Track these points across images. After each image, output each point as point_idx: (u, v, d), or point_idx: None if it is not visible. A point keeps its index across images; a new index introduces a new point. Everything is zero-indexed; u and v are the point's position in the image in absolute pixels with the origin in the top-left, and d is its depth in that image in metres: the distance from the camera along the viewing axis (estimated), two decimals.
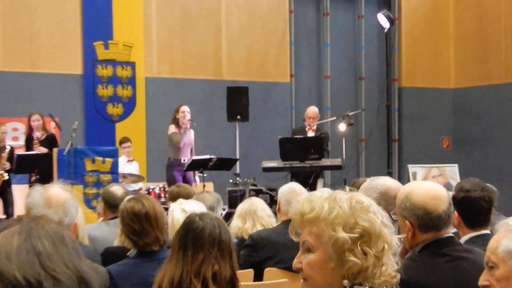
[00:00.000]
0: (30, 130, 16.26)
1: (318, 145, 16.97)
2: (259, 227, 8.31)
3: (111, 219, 8.00)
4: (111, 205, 8.14)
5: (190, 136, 16.93)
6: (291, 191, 8.02)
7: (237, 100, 18.69)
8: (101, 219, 8.62)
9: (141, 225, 6.09)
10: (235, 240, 8.10)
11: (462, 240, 5.60)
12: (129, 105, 19.43)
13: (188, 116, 16.79)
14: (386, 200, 5.66)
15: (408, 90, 22.86)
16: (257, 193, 16.52)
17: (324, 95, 21.86)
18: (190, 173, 16.78)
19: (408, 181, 18.06)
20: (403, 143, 22.74)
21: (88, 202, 14.95)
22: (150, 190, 16.10)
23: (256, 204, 8.70)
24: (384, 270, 3.26)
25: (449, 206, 4.86)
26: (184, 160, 16.70)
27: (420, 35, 22.91)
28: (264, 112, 20.30)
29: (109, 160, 15.94)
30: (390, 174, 18.08)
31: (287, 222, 7.53)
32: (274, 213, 8.57)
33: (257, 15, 20.76)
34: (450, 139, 23.03)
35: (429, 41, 22.95)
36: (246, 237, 8.04)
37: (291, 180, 14.20)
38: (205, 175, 16.88)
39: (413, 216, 4.82)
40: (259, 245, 7.73)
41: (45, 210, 5.10)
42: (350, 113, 19.28)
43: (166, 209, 7.87)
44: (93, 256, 6.28)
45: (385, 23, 21.27)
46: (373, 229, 3.25)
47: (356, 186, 8.01)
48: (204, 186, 16.13)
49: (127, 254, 6.18)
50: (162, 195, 15.44)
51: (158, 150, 18.60)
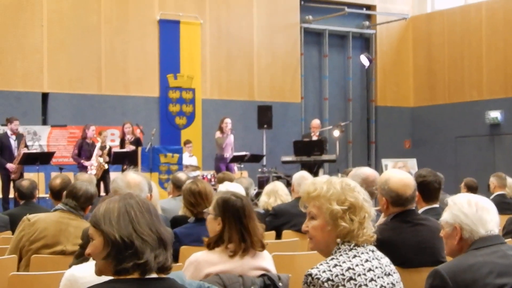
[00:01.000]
0: (123, 134, 16.29)
1: (320, 146, 16.94)
2: (279, 202, 8.25)
3: (177, 196, 7.97)
4: (177, 186, 8.12)
5: (231, 139, 16.93)
6: (301, 177, 7.99)
7: (264, 114, 18.64)
8: (170, 196, 8.59)
9: (195, 199, 6.12)
10: (262, 211, 8.06)
11: (420, 211, 5.57)
12: (191, 118, 19.41)
13: (229, 126, 16.80)
14: (366, 183, 5.78)
15: (381, 108, 22.77)
16: (278, 178, 16.49)
17: (324, 111, 21.79)
18: (232, 164, 16.76)
19: (382, 171, 18.09)
20: (378, 144, 22.65)
21: (162, 184, 14.93)
22: (204, 176, 16.06)
23: (278, 186, 8.65)
24: (365, 232, 3.30)
25: (414, 191, 4.93)
26: (226, 156, 16.70)
27: (389, 70, 22.84)
28: (283, 123, 20.24)
29: (176, 155, 15.96)
30: (369, 166, 17.97)
31: (299, 199, 7.53)
32: (290, 192, 8.52)
33: (278, 56, 20.71)
34: (410, 141, 22.92)
35: (395, 74, 22.88)
36: (270, 209, 7.98)
37: (301, 169, 14.13)
38: (242, 166, 16.87)
39: (388, 196, 4.90)
40: (279, 214, 7.69)
41: (127, 190, 5.07)
42: (342, 123, 19.26)
43: (215, 189, 7.83)
44: (165, 222, 6.24)
45: (366, 62, 21.22)
46: (357, 203, 3.30)
47: (346, 174, 7.98)
48: (241, 173, 16.09)
49: (188, 221, 6.16)
50: (212, 180, 15.39)
51: (210, 149, 18.55)
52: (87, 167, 15.26)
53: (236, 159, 16.61)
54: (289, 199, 8.28)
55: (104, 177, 15.47)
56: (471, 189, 10.52)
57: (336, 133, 18.45)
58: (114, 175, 15.83)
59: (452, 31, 21.88)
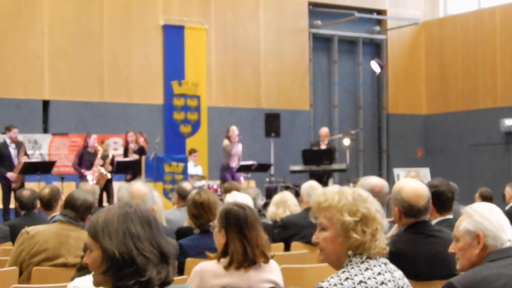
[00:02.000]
0: (126, 143, 16.27)
1: (329, 155, 16.95)
2: (288, 213, 8.24)
3: (182, 207, 7.96)
4: (182, 196, 8.12)
5: (238, 148, 16.93)
6: (311, 187, 7.98)
7: (272, 122, 18.61)
8: (175, 207, 8.58)
9: (198, 210, 6.08)
10: (270, 222, 8.04)
11: (433, 222, 5.54)
12: (196, 126, 19.41)
13: (236, 133, 16.80)
14: (373, 194, 5.56)
15: (393, 116, 22.73)
16: (286, 188, 16.44)
17: (333, 119, 21.76)
18: (238, 174, 16.75)
19: (394, 181, 18.10)
20: (390, 153, 22.60)
21: (166, 194, 14.94)
22: (210, 186, 16.06)
23: (287, 196, 8.63)
24: (378, 244, 3.27)
25: (428, 201, 4.91)
26: (233, 165, 16.68)
27: (401, 77, 22.81)
28: (291, 131, 20.22)
29: (181, 165, 15.96)
30: (380, 175, 17.97)
31: (308, 209, 7.49)
32: (299, 203, 8.50)
33: (286, 62, 20.71)
34: (423, 150, 22.87)
35: (407, 81, 22.85)
36: (278, 220, 7.96)
37: (310, 179, 14.11)
38: (249, 175, 16.87)
39: (400, 206, 4.88)
40: (287, 226, 7.67)
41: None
42: (352, 132, 19.23)
43: (222, 199, 7.82)
44: (170, 234, 6.27)
45: (377, 68, 21.22)
46: (370, 214, 3.28)
47: (355, 183, 7.97)
48: (248, 183, 16.10)
49: (193, 232, 6.16)
50: (218, 189, 15.38)
51: (216, 158, 18.55)
52: (87, 177, 15.24)
53: (243, 169, 16.60)
54: (298, 210, 8.26)
55: (107, 187, 15.45)
56: (486, 199, 10.50)
57: (347, 142, 18.45)
58: (118, 185, 15.90)
59: (465, 36, 21.85)
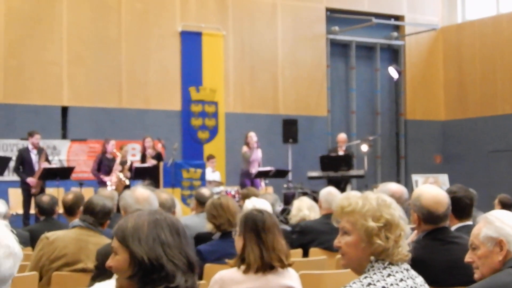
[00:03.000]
0: (144, 149, 16.32)
1: (347, 161, 16.93)
2: (306, 218, 8.23)
3: (200, 213, 7.97)
4: (201, 202, 8.13)
5: (258, 154, 16.94)
6: (329, 193, 7.96)
7: (290, 128, 18.60)
8: (193, 213, 8.58)
9: (217, 211, 6.17)
10: (289, 228, 8.03)
11: (452, 229, 5.51)
12: (213, 132, 19.41)
13: (255, 138, 16.81)
14: None
15: (411, 122, 22.67)
16: (304, 194, 16.41)
17: (351, 125, 21.73)
18: (257, 180, 16.74)
19: (412, 187, 18.05)
20: (408, 159, 22.53)
21: (184, 200, 14.97)
22: (228, 192, 16.05)
23: (305, 202, 8.63)
24: (401, 251, 3.26)
25: (448, 208, 4.91)
26: (252, 171, 16.68)
27: (419, 82, 22.75)
28: (309, 137, 20.19)
29: (199, 171, 16.01)
30: (398, 182, 17.92)
31: (326, 215, 7.56)
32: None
33: (303, 68, 20.71)
34: (441, 156, 22.80)
35: (425, 87, 22.77)
36: (298, 225, 7.95)
37: (328, 185, 14.08)
38: (267, 182, 16.87)
39: (420, 212, 4.89)
40: (305, 232, 7.67)
41: (137, 206, 5.09)
42: (370, 138, 19.22)
43: (240, 206, 7.82)
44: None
45: (394, 74, 21.20)
46: (394, 220, 3.26)
47: (373, 189, 7.94)
48: (266, 189, 16.09)
49: (212, 237, 6.17)
50: (236, 196, 15.39)
51: (233, 164, 18.57)
52: (106, 183, 15.29)
53: (261, 175, 16.60)
54: (317, 216, 8.23)
55: None
56: (505, 206, 10.43)
57: (364, 148, 18.42)
58: None
59: (484, 42, 21.78)
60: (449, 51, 22.78)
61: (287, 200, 16.53)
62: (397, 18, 22.59)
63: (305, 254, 7.46)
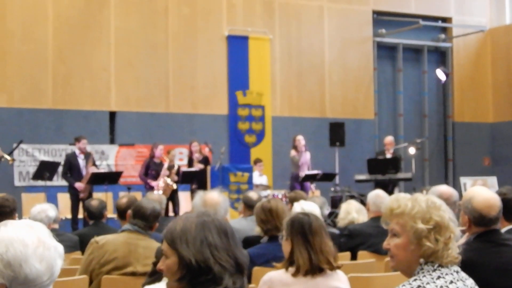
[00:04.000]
0: (191, 153, 16.37)
1: (395, 164, 16.85)
2: (355, 221, 8.21)
3: (248, 216, 7.98)
4: (249, 206, 8.12)
5: (306, 157, 16.92)
6: (377, 196, 7.90)
7: (337, 132, 18.57)
8: (241, 216, 8.60)
9: (265, 215, 6.14)
10: (337, 232, 8.01)
11: (502, 231, 5.45)
12: (260, 136, 19.45)
13: (302, 142, 16.82)
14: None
15: (459, 124, 22.49)
16: (351, 198, 16.38)
17: (399, 128, 21.61)
18: (307, 183, 16.71)
19: (460, 189, 17.89)
20: (456, 162, 22.35)
21: (231, 204, 14.99)
22: (275, 195, 16.04)
23: (353, 205, 8.61)
24: (450, 253, 3.24)
25: (499, 211, 4.85)
26: (302, 175, 16.67)
27: (467, 85, 22.56)
28: (356, 140, 20.14)
29: (246, 174, 16.04)
30: (447, 184, 17.74)
31: (374, 218, 7.54)
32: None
33: (350, 71, 20.66)
34: (490, 158, 22.58)
35: (473, 89, 22.59)
36: (346, 229, 7.93)
37: (375, 188, 14.02)
38: (314, 185, 16.84)
39: (471, 215, 4.82)
40: (354, 235, 7.63)
41: (202, 209, 5.09)
42: (418, 140, 19.11)
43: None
44: None
45: (442, 76, 21.01)
46: (443, 223, 3.25)
47: (422, 192, 7.86)
48: (313, 193, 16.07)
49: (261, 241, 6.17)
50: (283, 199, 15.38)
51: (280, 168, 18.59)
52: (154, 187, 15.35)
53: (308, 178, 16.58)
54: (365, 219, 8.20)
55: (173, 197, 15.54)
56: None
57: (412, 151, 18.33)
58: (183, 195, 16.04)
59: None
60: (498, 53, 22.56)
61: (334, 204, 16.52)
62: (445, 20, 22.43)
63: (354, 257, 7.43)
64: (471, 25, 22.41)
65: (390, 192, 15.63)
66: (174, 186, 15.51)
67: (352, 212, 8.49)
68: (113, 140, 17.87)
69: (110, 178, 15.02)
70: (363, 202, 10.44)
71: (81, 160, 14.96)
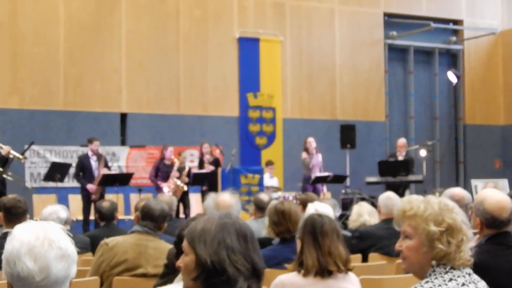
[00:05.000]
0: (201, 155, 16.38)
1: (406, 166, 16.83)
2: (367, 223, 8.19)
3: (259, 218, 7.98)
4: (260, 208, 8.15)
5: (318, 159, 16.93)
6: (388, 198, 7.87)
7: (347, 134, 18.54)
8: (252, 218, 8.61)
9: (278, 218, 6.08)
10: (349, 234, 7.99)
11: None
12: (271, 138, 19.44)
13: (314, 144, 16.83)
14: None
15: (470, 126, 22.43)
16: (362, 200, 16.34)
17: (410, 130, 21.56)
18: (319, 185, 16.71)
19: (471, 192, 17.84)
20: (467, 164, 22.29)
21: (242, 206, 14.93)
22: (285, 197, 16.05)
23: (365, 207, 8.60)
24: (463, 255, 3.24)
25: (511, 214, 4.82)
26: (312, 177, 16.66)
27: (478, 87, 22.51)
28: (367, 142, 20.10)
29: (257, 176, 16.05)
30: (458, 186, 17.71)
31: (385, 220, 7.52)
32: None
33: (361, 73, 20.63)
34: (501, 161, 22.53)
35: (485, 91, 22.54)
36: (357, 231, 7.91)
37: (386, 191, 14.00)
38: (325, 187, 16.83)
39: (483, 217, 4.81)
40: (365, 237, 7.61)
41: (214, 211, 5.09)
42: (429, 143, 19.09)
43: None
44: None
45: (453, 79, 20.99)
46: (456, 225, 3.24)
47: (433, 194, 7.82)
48: (324, 195, 16.07)
49: (272, 242, 6.16)
50: (294, 201, 15.37)
51: (291, 170, 18.59)
52: (163, 189, 15.36)
53: (319, 180, 16.57)
54: (376, 221, 8.18)
55: (184, 199, 15.56)
56: None
57: (423, 153, 18.30)
58: (194, 197, 16.05)
59: None
60: (509, 55, 22.50)
61: (345, 206, 16.50)
62: (456, 23, 22.38)
63: (365, 259, 7.42)
64: (482, 28, 22.36)
65: (401, 195, 15.62)
66: (184, 188, 15.54)
67: (364, 215, 8.47)
68: (124, 142, 17.89)
69: (121, 180, 15.05)
70: (374, 204, 10.43)
71: (94, 162, 14.99)
